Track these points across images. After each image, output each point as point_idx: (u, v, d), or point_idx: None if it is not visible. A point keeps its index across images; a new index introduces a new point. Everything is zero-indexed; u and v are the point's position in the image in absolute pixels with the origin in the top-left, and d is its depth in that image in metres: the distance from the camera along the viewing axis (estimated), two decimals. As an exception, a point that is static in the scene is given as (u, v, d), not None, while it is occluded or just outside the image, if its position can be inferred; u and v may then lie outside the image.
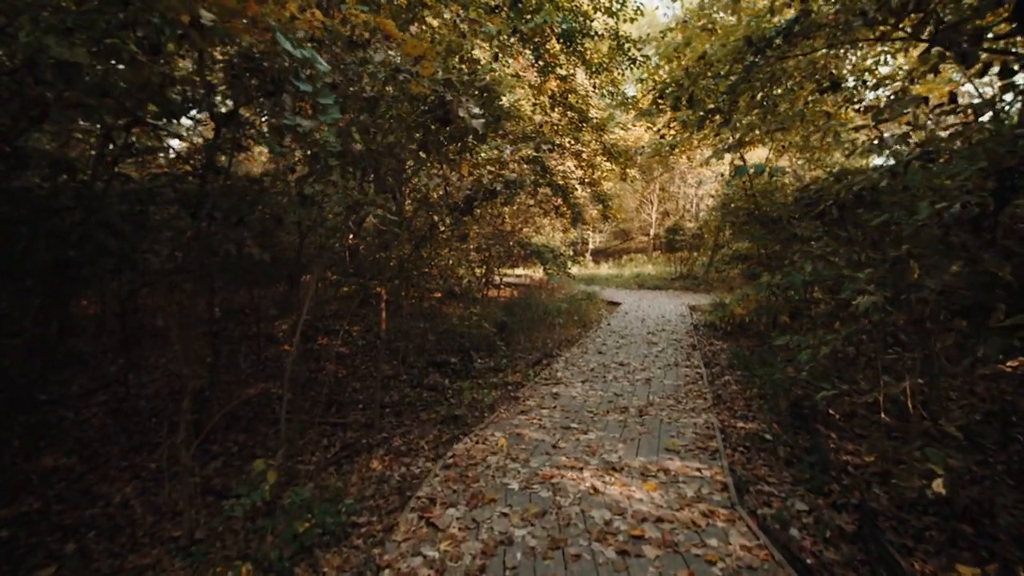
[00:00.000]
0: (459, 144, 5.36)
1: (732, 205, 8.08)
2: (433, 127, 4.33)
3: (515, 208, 13.30)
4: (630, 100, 9.73)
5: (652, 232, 29.02)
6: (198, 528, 3.86)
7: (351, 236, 8.08)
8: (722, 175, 16.44)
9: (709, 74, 5.95)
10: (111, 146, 4.75)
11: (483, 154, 6.79)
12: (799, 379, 5.10)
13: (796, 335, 3.82)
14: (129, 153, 4.86)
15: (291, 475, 4.88)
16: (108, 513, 4.46)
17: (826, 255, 3.50)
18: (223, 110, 4.07)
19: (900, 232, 3.01)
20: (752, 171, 3.30)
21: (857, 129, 3.58)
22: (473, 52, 5.11)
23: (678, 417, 4.89)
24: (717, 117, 6.93)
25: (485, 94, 4.26)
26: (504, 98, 6.71)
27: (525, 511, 3.01)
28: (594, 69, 9.95)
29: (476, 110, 3.45)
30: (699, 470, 3.62)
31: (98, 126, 4.55)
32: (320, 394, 6.48)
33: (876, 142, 3.50)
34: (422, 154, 5.21)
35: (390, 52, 3.28)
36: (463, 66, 4.41)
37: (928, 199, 2.61)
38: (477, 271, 11.62)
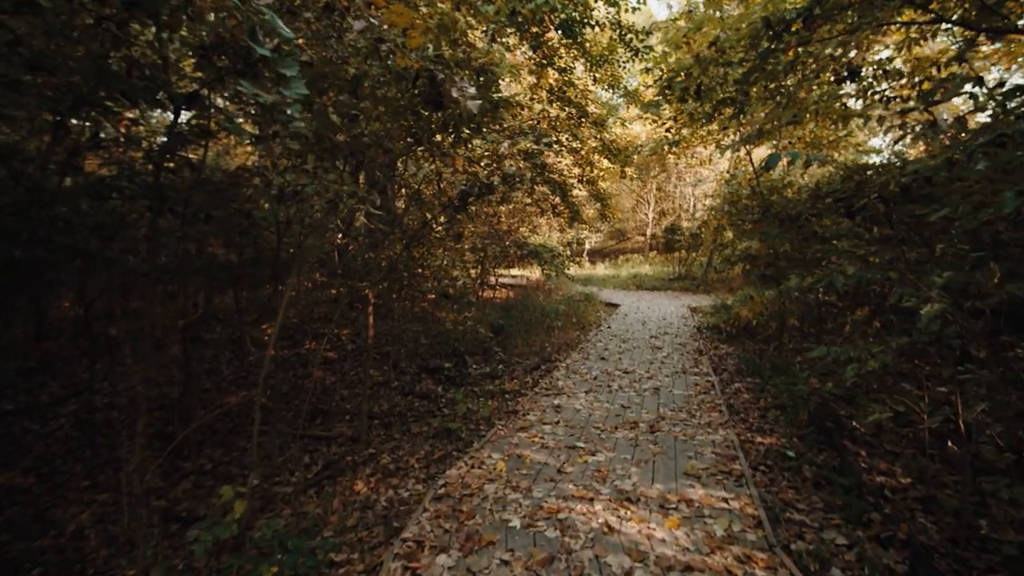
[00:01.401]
0: (453, 135, 4.91)
1: (741, 203, 7.67)
2: (424, 113, 3.88)
3: (511, 207, 12.88)
4: (632, 93, 9.31)
5: (649, 232, 28.65)
6: (154, 567, 3.39)
7: (340, 235, 7.62)
8: (725, 172, 16.08)
9: (721, 61, 5.53)
10: (70, 136, 4.28)
11: (479, 149, 6.36)
12: (825, 391, 4.69)
13: (829, 345, 3.39)
14: (96, 145, 4.39)
15: (267, 499, 4.42)
16: (59, 545, 3.99)
17: (869, 255, 3.09)
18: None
19: (962, 228, 2.59)
20: (787, 159, 2.89)
21: (903, 113, 3.17)
22: (468, 36, 4.65)
23: (694, 433, 4.46)
24: (727, 110, 6.52)
25: (482, 77, 3.82)
26: (503, 84, 6.28)
27: (530, 557, 2.57)
28: (594, 61, 9.53)
29: (471, 90, 3.00)
30: (726, 500, 3.19)
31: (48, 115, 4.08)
32: (304, 404, 6.02)
33: (924, 127, 3.09)
34: (414, 147, 4.76)
35: (372, 20, 2.83)
36: (458, 52, 3.94)
37: (1013, 188, 2.19)
38: (472, 272, 11.18)
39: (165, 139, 4.69)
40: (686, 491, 3.32)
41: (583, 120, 10.81)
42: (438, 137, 4.62)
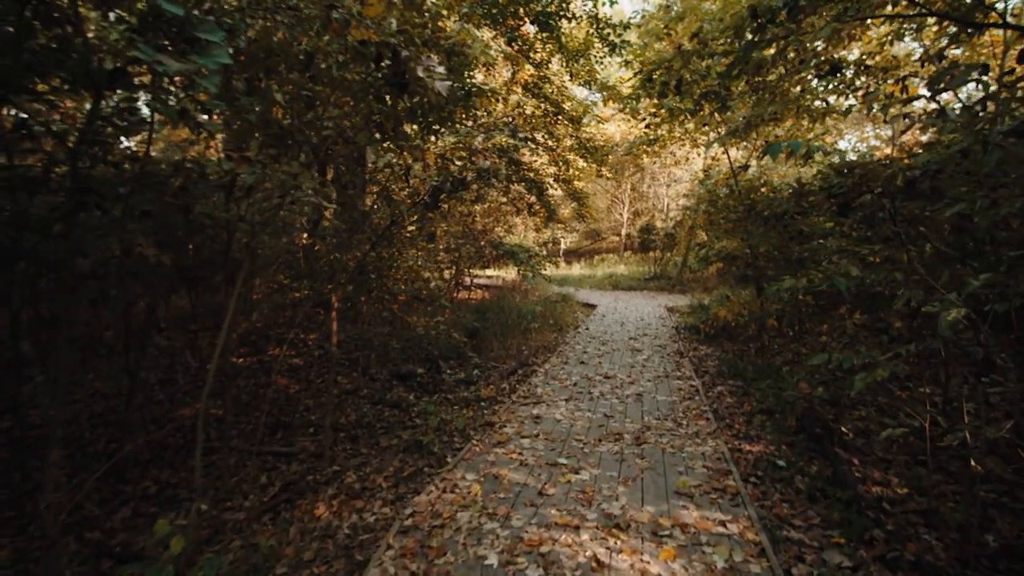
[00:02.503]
0: (423, 127, 4.55)
1: (721, 202, 7.50)
2: (388, 98, 3.50)
3: (486, 206, 12.55)
4: (609, 87, 9.09)
5: (624, 232, 28.68)
6: (75, 617, 2.94)
7: (305, 235, 7.16)
8: (699, 172, 16.08)
9: (704, 52, 5.32)
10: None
11: (451, 143, 6.00)
12: (816, 396, 4.49)
13: (828, 350, 3.16)
14: (30, 134, 3.86)
15: (215, 527, 3.97)
16: (-32, 590, 3.48)
17: (872, 254, 2.87)
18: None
19: (979, 225, 2.37)
20: (787, 150, 2.65)
21: (905, 102, 2.97)
22: (438, 23, 4.30)
23: (682, 444, 4.20)
24: (706, 106, 6.32)
25: (453, 59, 3.47)
26: (476, 77, 5.95)
27: (509, 604, 2.25)
28: (571, 56, 9.29)
29: (440, 69, 2.66)
30: (723, 524, 2.92)
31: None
32: (263, 415, 5.55)
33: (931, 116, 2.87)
34: (383, 140, 4.38)
35: (324, -14, 2.46)
36: (426, 32, 3.57)
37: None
38: (446, 273, 10.80)
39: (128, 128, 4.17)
40: (679, 513, 3.04)
41: (559, 117, 10.56)
42: (405, 127, 4.25)
